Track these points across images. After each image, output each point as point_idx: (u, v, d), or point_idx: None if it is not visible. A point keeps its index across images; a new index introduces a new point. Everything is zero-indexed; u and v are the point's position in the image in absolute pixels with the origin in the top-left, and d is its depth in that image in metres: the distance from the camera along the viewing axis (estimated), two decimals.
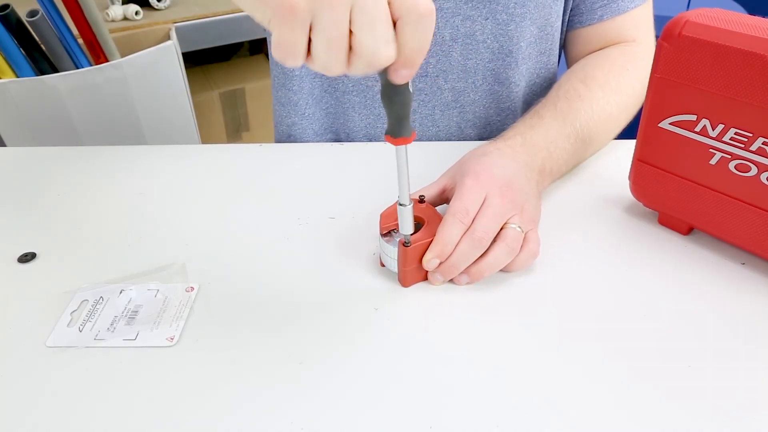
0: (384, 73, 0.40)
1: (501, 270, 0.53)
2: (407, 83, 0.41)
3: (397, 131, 0.44)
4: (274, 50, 0.37)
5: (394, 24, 0.37)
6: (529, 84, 0.78)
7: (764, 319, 0.50)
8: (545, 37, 0.75)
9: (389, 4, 0.36)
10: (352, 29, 0.36)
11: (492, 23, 0.71)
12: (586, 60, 0.73)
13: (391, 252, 0.52)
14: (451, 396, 0.44)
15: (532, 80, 0.78)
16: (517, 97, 0.77)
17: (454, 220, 0.52)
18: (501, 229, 0.53)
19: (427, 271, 0.53)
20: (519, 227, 0.53)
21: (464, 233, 0.51)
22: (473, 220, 0.52)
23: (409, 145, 0.46)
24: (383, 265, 0.55)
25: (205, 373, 0.46)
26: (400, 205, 0.50)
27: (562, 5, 0.74)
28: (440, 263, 0.52)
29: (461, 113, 0.77)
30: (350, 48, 0.38)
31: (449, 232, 0.51)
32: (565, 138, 0.63)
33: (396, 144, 0.45)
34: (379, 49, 0.37)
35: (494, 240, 0.52)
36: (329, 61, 0.37)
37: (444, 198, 0.58)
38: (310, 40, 0.37)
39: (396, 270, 0.53)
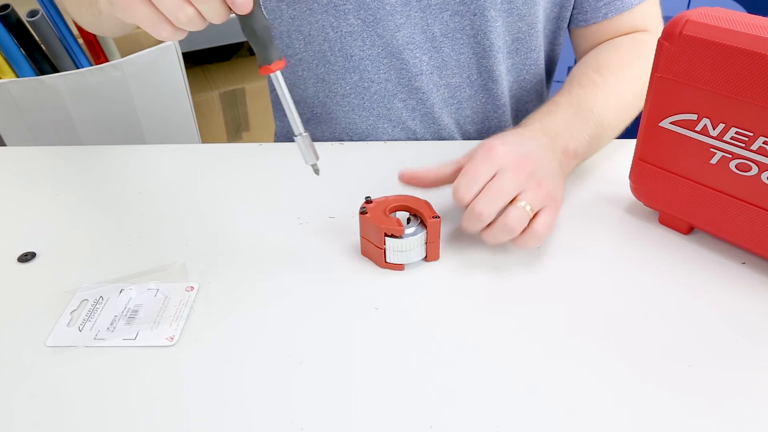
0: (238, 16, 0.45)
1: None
2: (259, 11, 0.45)
3: (270, 57, 0.47)
4: (147, 30, 0.45)
5: None
6: (518, 80, 0.78)
7: (764, 319, 0.50)
8: (534, 34, 0.75)
9: None
10: None
11: (480, 19, 0.71)
12: (597, 50, 0.73)
13: (400, 245, 0.53)
14: (451, 396, 0.44)
15: (521, 76, 0.78)
16: (506, 94, 0.77)
17: (457, 195, 0.52)
18: (510, 203, 0.52)
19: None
20: (528, 205, 0.52)
21: (477, 194, 0.52)
22: (477, 195, 0.52)
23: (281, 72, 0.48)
24: (387, 263, 0.55)
25: (205, 373, 0.46)
26: (295, 136, 0.51)
27: None
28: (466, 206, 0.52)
29: (459, 109, 0.77)
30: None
31: (474, 173, 0.52)
32: (583, 121, 0.62)
33: (273, 70, 0.47)
34: None
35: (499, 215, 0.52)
36: (172, 10, 0.44)
37: None
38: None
39: (407, 261, 0.54)
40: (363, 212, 0.55)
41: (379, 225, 0.53)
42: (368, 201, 0.56)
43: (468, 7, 0.70)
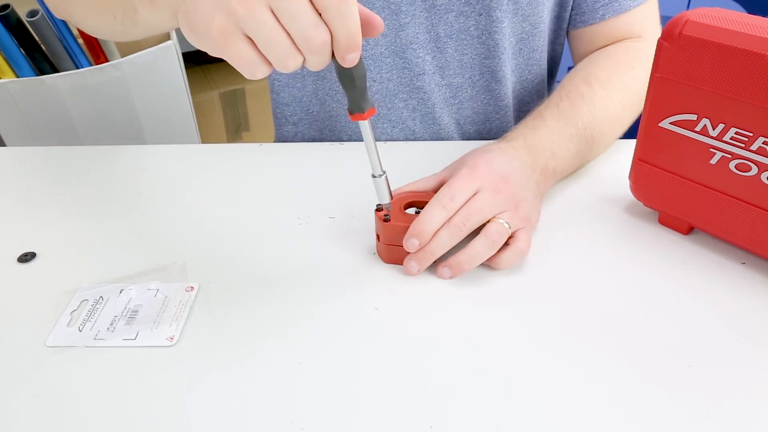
0: (336, 61, 0.42)
1: (491, 268, 0.54)
2: (361, 59, 0.44)
3: (364, 105, 0.46)
4: (239, 70, 0.41)
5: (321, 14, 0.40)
6: (520, 80, 0.78)
7: (764, 319, 0.50)
8: (538, 34, 0.75)
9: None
10: (282, 24, 0.39)
11: (486, 19, 0.71)
12: (589, 59, 0.73)
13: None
14: (451, 396, 0.44)
15: (523, 76, 0.78)
16: (509, 94, 0.77)
17: (437, 204, 0.52)
18: (488, 222, 0.53)
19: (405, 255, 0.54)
20: (506, 223, 0.53)
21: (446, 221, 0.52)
22: (458, 210, 0.52)
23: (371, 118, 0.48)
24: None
25: (205, 373, 0.46)
26: (374, 177, 0.51)
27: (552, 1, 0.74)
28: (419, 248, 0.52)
29: (460, 109, 0.77)
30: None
31: (429, 214, 0.52)
32: (568, 138, 0.63)
33: (365, 118, 0.47)
34: (307, 32, 0.39)
35: (478, 233, 0.53)
36: (281, 57, 0.40)
37: None
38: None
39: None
40: (387, 219, 0.54)
41: (407, 224, 0.53)
42: (379, 209, 0.55)
43: (473, 8, 0.70)
